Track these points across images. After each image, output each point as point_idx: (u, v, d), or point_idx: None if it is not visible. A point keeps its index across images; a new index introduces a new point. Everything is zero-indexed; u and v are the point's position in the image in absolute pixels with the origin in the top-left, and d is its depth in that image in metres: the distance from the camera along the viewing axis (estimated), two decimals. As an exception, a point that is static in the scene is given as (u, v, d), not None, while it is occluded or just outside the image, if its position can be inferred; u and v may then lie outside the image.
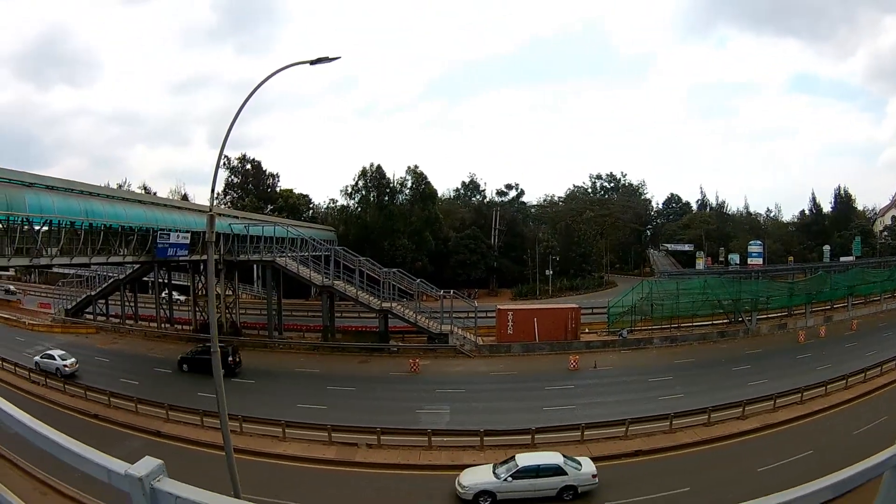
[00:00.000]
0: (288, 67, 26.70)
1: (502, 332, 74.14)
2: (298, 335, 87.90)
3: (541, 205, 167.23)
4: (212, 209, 29.32)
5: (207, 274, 26.56)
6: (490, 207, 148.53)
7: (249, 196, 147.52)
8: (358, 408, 51.94)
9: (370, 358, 72.88)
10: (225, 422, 25.34)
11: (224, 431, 25.28)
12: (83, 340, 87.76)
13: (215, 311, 26.80)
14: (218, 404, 25.14)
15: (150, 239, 68.50)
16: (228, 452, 25.13)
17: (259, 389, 58.81)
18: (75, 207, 57.62)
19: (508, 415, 48.12)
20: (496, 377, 61.81)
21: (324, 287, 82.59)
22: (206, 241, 26.90)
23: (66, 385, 59.89)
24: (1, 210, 48.36)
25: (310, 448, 43.52)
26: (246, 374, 60.87)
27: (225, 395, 25.09)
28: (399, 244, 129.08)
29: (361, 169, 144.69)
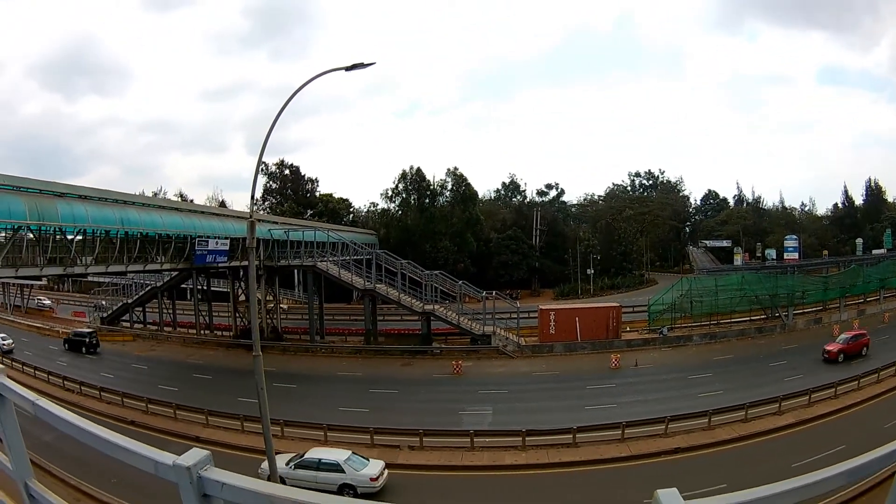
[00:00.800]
0: (323, 74, 27.32)
1: (545, 331, 73.96)
2: (340, 339, 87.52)
3: (581, 204, 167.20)
4: (252, 215, 30.19)
5: (248, 280, 26.57)
6: (531, 208, 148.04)
7: (289, 201, 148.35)
8: (400, 410, 52.05)
9: (413, 360, 72.93)
10: (267, 425, 26.03)
11: (266, 435, 25.94)
12: (120, 348, 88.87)
13: (257, 316, 26.80)
14: (259, 408, 25.74)
15: (189, 246, 69.09)
16: (270, 456, 25.94)
17: (300, 393, 58.52)
18: (110, 216, 57.97)
19: (550, 414, 47.94)
20: (538, 377, 61.61)
21: (366, 290, 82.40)
22: (246, 247, 26.88)
23: (103, 392, 60.30)
24: (32, 220, 48.89)
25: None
26: (287, 379, 60.18)
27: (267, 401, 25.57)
28: (441, 246, 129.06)
29: (401, 172, 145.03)
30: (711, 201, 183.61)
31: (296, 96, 27.00)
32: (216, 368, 73.22)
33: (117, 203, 61.19)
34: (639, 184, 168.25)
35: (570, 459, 39.69)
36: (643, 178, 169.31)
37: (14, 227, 49.90)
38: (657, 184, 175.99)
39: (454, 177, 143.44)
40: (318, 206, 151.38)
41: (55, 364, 73.66)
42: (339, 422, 47.66)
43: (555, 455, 40.41)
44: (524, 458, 40.64)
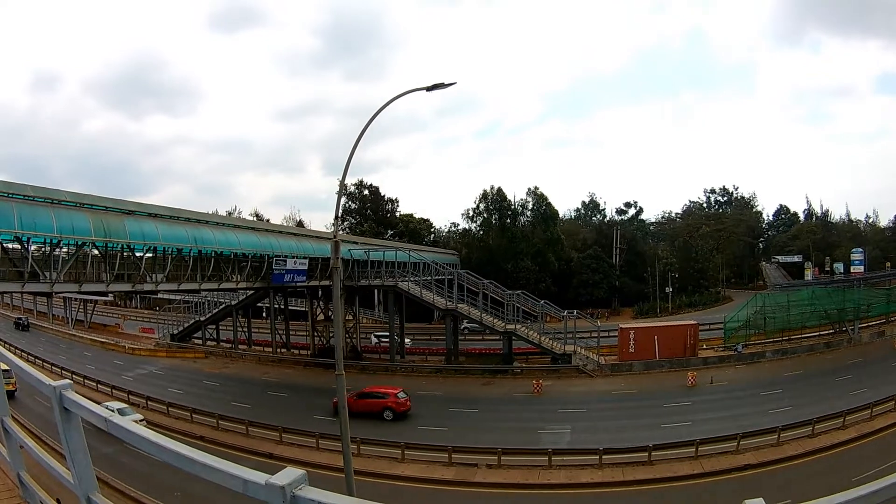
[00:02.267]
0: (404, 95, 27.55)
1: (624, 350, 74.24)
2: (421, 358, 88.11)
3: (659, 222, 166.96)
4: (336, 235, 30.10)
5: (333, 300, 27.02)
6: (610, 226, 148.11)
7: (368, 221, 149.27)
8: (480, 429, 52.46)
9: (493, 380, 73.30)
10: (346, 442, 25.70)
11: (345, 452, 25.65)
12: (190, 365, 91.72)
13: (341, 336, 27.34)
14: (340, 426, 25.54)
15: (266, 265, 70.08)
16: (348, 472, 25.33)
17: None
18: (182, 234, 58.96)
19: (627, 433, 48.16)
20: (617, 396, 62.00)
21: (447, 310, 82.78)
22: (329, 266, 27.42)
23: (170, 407, 61.85)
24: (98, 237, 49.55)
25: (429, 469, 44.23)
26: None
27: (348, 419, 25.27)
28: (522, 266, 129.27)
29: (482, 192, 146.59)
30: (783, 216, 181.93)
31: (376, 117, 27.32)
32: (292, 386, 74.47)
33: (190, 221, 62.51)
34: (714, 200, 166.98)
35: (645, 477, 40.23)
36: (718, 194, 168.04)
37: (77, 242, 50.67)
38: (731, 200, 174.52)
39: (535, 196, 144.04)
40: (398, 226, 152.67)
41: (120, 378, 75.59)
42: (418, 440, 48.26)
43: (630, 473, 40.87)
44: (600, 476, 41.01)
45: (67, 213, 47.62)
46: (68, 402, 5.05)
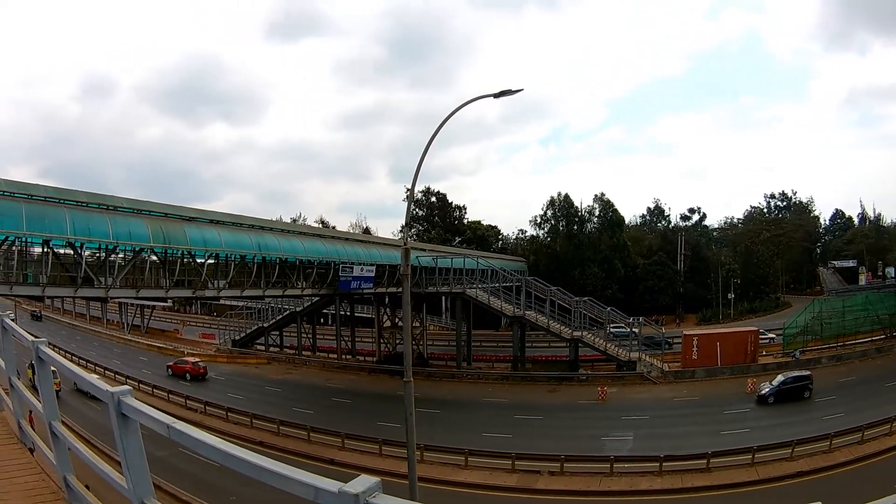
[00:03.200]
0: (472, 101, 28.00)
1: (687, 357, 74.46)
2: (487, 365, 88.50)
3: (721, 228, 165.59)
4: (406, 243, 30.65)
5: (403, 307, 27.20)
6: (675, 233, 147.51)
7: (436, 228, 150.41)
8: (544, 436, 52.87)
9: (559, 387, 73.51)
10: (412, 449, 26.12)
11: (410, 458, 26.09)
12: (252, 370, 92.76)
13: (409, 343, 28.46)
14: (406, 433, 26.12)
15: (332, 272, 70.21)
16: (412, 478, 26.00)
17: (444, 419, 59.19)
18: (246, 241, 59.63)
19: (688, 440, 48.62)
20: (679, 403, 62.15)
21: (515, 317, 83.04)
22: (397, 273, 27.49)
23: (230, 413, 62.63)
24: (157, 243, 50.17)
25: (492, 476, 44.65)
26: (431, 404, 60.31)
27: (414, 426, 26.03)
28: (589, 272, 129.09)
29: (549, 198, 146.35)
30: (838, 220, 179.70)
31: (445, 125, 27.66)
32: (356, 393, 74.96)
33: (254, 228, 63.28)
34: (773, 205, 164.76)
35: (702, 484, 40.53)
36: (777, 199, 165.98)
37: (135, 248, 51.02)
38: (790, 205, 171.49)
39: (601, 202, 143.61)
40: (466, 233, 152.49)
41: (178, 384, 77.00)
42: (481, 447, 48.47)
43: (689, 480, 41.25)
44: (659, 483, 41.55)
45: (124, 219, 48.69)
46: (126, 407, 5.12)
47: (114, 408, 5.09)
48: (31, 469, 8.54)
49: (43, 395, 7.59)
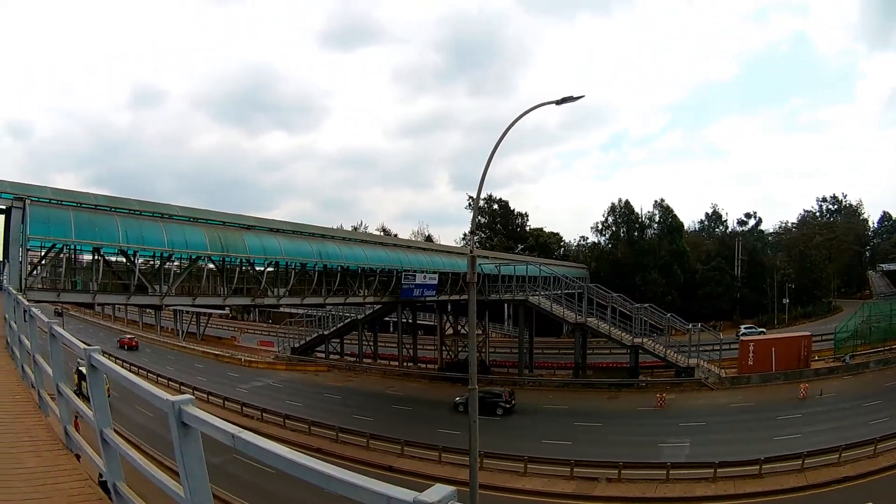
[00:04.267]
0: (534, 109, 28.44)
1: (743, 362, 74.23)
2: (549, 372, 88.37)
3: (776, 232, 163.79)
4: (472, 251, 31.14)
5: (469, 314, 27.22)
6: (732, 238, 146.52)
7: (498, 236, 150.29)
8: (603, 443, 53.09)
9: (619, 394, 73.80)
10: (474, 457, 26.28)
11: (472, 466, 26.13)
12: (312, 378, 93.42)
13: (474, 350, 28.88)
14: (469, 440, 25.93)
15: (394, 280, 71.08)
16: (473, 485, 25.77)
17: (504, 425, 59.95)
18: (307, 249, 59.50)
19: (742, 446, 48.37)
20: (735, 409, 61.93)
21: (576, 324, 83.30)
22: (467, 281, 27.64)
23: (287, 420, 62.90)
24: (214, 251, 50.04)
25: (550, 483, 44.93)
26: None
27: (478, 434, 25.92)
28: (649, 279, 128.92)
29: (610, 205, 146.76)
30: (886, 223, 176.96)
31: (508, 132, 28.02)
32: (417, 400, 75.14)
33: (314, 236, 63.18)
34: (825, 209, 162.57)
35: (754, 490, 40.73)
36: (828, 202, 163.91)
37: (191, 256, 51.54)
38: (841, 208, 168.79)
39: (661, 208, 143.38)
40: (528, 240, 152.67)
41: (235, 391, 78.46)
42: (541, 454, 48.53)
43: (741, 486, 41.38)
44: (713, 489, 41.62)
45: (179, 227, 48.64)
46: (188, 416, 5.13)
47: (174, 417, 5.18)
48: (76, 475, 8.66)
49: (95, 402, 7.63)
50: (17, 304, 15.62)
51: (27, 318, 13.69)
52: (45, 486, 8.02)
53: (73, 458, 9.32)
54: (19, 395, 12.88)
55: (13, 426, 10.59)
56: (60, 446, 9.70)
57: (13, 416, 11.24)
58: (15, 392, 13.08)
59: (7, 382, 13.94)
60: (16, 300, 16.33)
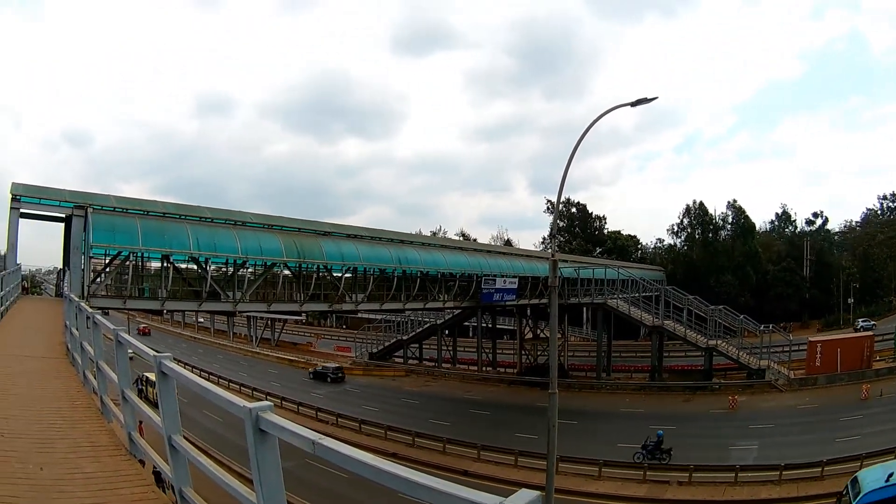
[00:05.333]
0: (610, 111, 29.61)
1: (811, 364, 74.18)
2: (625, 376, 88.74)
3: (841, 231, 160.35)
4: (554, 254, 32.17)
5: (551, 318, 27.55)
6: (801, 238, 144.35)
7: (577, 239, 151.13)
8: (675, 445, 52.17)
9: (693, 396, 73.81)
10: (552, 461, 27.70)
11: (549, 471, 27.57)
12: (389, 383, 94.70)
13: (555, 354, 30.62)
14: (548, 444, 27.42)
15: (474, 285, 71.66)
16: (549, 490, 27.29)
17: (580, 430, 59.17)
18: (385, 255, 60.15)
19: (807, 448, 48.50)
20: (802, 410, 62.01)
21: (654, 327, 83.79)
22: (549, 286, 28.01)
23: (363, 425, 63.69)
24: (290, 257, 50.79)
25: (623, 486, 45.74)
26: (569, 415, 58.10)
27: (556, 438, 27.46)
28: (723, 280, 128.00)
29: (685, 207, 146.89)
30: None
31: (585, 135, 29.36)
32: (495, 405, 75.46)
33: (393, 242, 64.06)
34: (886, 206, 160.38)
35: (816, 493, 40.93)
36: (889, 200, 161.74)
37: (266, 263, 52.38)
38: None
39: (733, 209, 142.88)
40: (606, 243, 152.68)
41: (309, 396, 79.75)
42: (615, 458, 49.30)
43: (804, 489, 41.85)
44: (777, 492, 42.30)
45: (254, 234, 49.71)
46: (266, 423, 5.14)
47: (251, 423, 5.20)
48: (139, 481, 8.78)
49: (164, 409, 7.63)
50: (80, 312, 15.84)
51: (90, 325, 14.04)
52: (103, 492, 8.20)
53: (137, 464, 9.58)
54: (79, 400, 13.13)
55: (71, 432, 10.77)
56: (123, 452, 9.95)
57: (72, 422, 11.45)
58: (75, 398, 13.32)
59: (66, 389, 14.20)
60: (78, 307, 16.59)
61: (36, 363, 16.93)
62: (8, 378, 14.16)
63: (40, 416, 11.30)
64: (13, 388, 13.29)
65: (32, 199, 38.82)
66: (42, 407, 12.02)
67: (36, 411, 11.62)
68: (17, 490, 7.85)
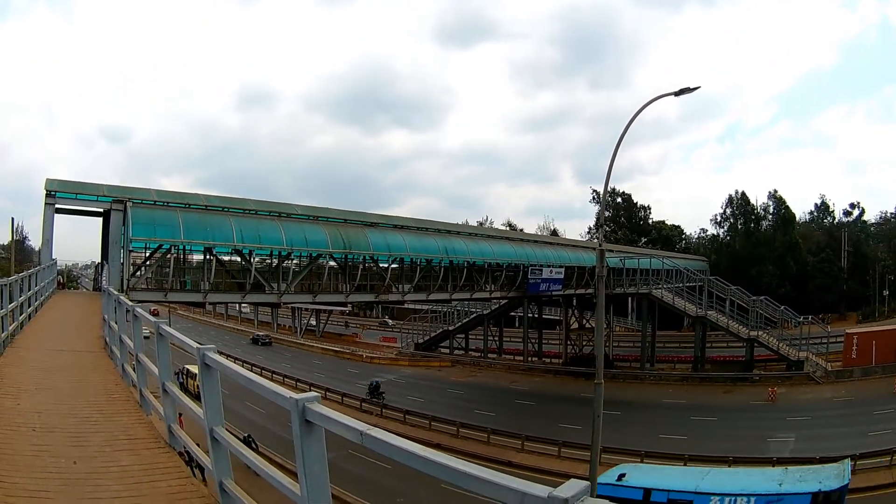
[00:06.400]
0: (654, 101, 30.16)
1: (847, 356, 74.45)
2: (669, 366, 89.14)
3: (878, 222, 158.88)
4: (601, 244, 32.91)
5: (597, 309, 28.14)
6: (839, 229, 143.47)
7: (622, 229, 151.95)
8: (716, 437, 54.04)
9: (734, 387, 74.41)
10: (596, 451, 28.45)
11: (592, 462, 28.41)
12: (435, 373, 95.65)
13: (602, 344, 30.92)
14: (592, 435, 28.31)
15: (521, 275, 71.37)
16: (592, 479, 27.81)
17: (624, 420, 58.84)
18: (432, 245, 59.94)
19: (841, 441, 48.57)
20: (838, 403, 62.42)
21: (697, 318, 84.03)
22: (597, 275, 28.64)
23: (407, 416, 64.06)
24: (336, 248, 50.47)
25: None
26: (613, 406, 56.73)
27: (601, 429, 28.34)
28: (765, 271, 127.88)
29: (728, 196, 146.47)
30: None
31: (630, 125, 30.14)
32: (540, 395, 76.31)
33: (440, 232, 64.05)
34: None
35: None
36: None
37: (311, 254, 52.25)
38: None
39: (774, 199, 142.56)
40: (651, 233, 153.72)
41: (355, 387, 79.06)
42: (658, 449, 49.54)
43: None
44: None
45: (298, 225, 49.45)
46: (312, 414, 5.13)
47: (298, 414, 5.19)
48: (177, 473, 8.74)
49: (207, 401, 7.50)
50: (119, 305, 15.76)
51: (129, 318, 14.17)
52: (139, 485, 8.15)
53: (175, 456, 9.50)
54: (117, 394, 13.10)
55: (108, 425, 10.77)
56: (162, 444, 9.92)
57: (109, 415, 11.43)
58: (112, 391, 13.29)
59: (104, 382, 14.16)
60: (117, 300, 16.42)
61: (72, 357, 17.17)
62: (41, 373, 14.50)
63: (75, 410, 11.49)
64: (46, 383, 13.51)
65: (68, 194, 39.27)
66: (78, 401, 12.22)
67: (70, 405, 11.80)
68: (49, 484, 8.00)
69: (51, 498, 7.64)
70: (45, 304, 28.70)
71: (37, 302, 25.63)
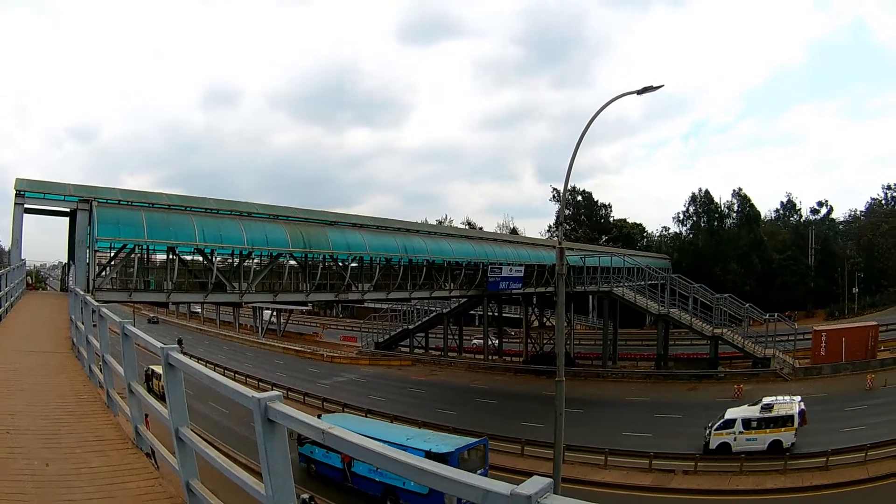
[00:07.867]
0: (616, 99, 29.34)
1: (816, 353, 73.64)
2: (631, 364, 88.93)
3: (846, 221, 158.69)
4: (561, 242, 31.75)
5: (557, 306, 27.20)
6: (806, 227, 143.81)
7: (582, 227, 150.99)
8: (681, 434, 53.38)
9: (699, 385, 73.63)
10: (559, 450, 27.92)
11: (556, 460, 27.79)
12: (395, 372, 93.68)
13: (562, 342, 30.29)
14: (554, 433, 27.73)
15: (480, 273, 69.55)
16: (556, 477, 27.00)
17: (586, 418, 58.26)
18: (391, 244, 59.28)
19: (814, 437, 48.50)
20: (808, 400, 58.17)
21: (659, 315, 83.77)
22: (556, 273, 27.63)
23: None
24: (296, 247, 50.07)
25: (629, 475, 45.31)
26: (575, 404, 56.28)
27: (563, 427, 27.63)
28: (729, 269, 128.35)
29: (691, 195, 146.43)
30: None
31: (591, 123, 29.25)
32: (501, 393, 75.10)
33: (399, 231, 63.50)
34: (890, 196, 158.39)
35: (820, 482, 40.95)
36: (893, 190, 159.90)
37: (272, 253, 51.60)
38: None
39: (739, 197, 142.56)
40: (612, 231, 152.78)
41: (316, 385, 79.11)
42: (621, 446, 49.07)
43: (808, 479, 41.74)
44: (782, 481, 42.12)
45: (260, 224, 48.99)
46: (274, 413, 5.11)
47: (260, 414, 5.19)
48: (145, 474, 8.71)
49: (172, 401, 7.56)
50: (86, 305, 15.71)
51: (95, 319, 14.15)
52: (110, 486, 8.16)
53: (143, 457, 9.49)
54: (85, 395, 13.08)
55: (77, 426, 10.71)
56: (129, 445, 9.89)
57: (77, 416, 11.40)
58: (80, 392, 13.23)
59: (72, 383, 14.08)
60: (84, 301, 16.21)
61: (41, 358, 16.75)
62: (13, 374, 14.07)
63: (46, 412, 11.29)
64: (18, 384, 13.18)
65: (37, 194, 38.59)
66: (48, 402, 12.00)
67: (41, 407, 11.59)
68: (23, 487, 7.85)
69: (26, 501, 7.60)
70: (15, 306, 28.59)
71: (7, 303, 25.64)
